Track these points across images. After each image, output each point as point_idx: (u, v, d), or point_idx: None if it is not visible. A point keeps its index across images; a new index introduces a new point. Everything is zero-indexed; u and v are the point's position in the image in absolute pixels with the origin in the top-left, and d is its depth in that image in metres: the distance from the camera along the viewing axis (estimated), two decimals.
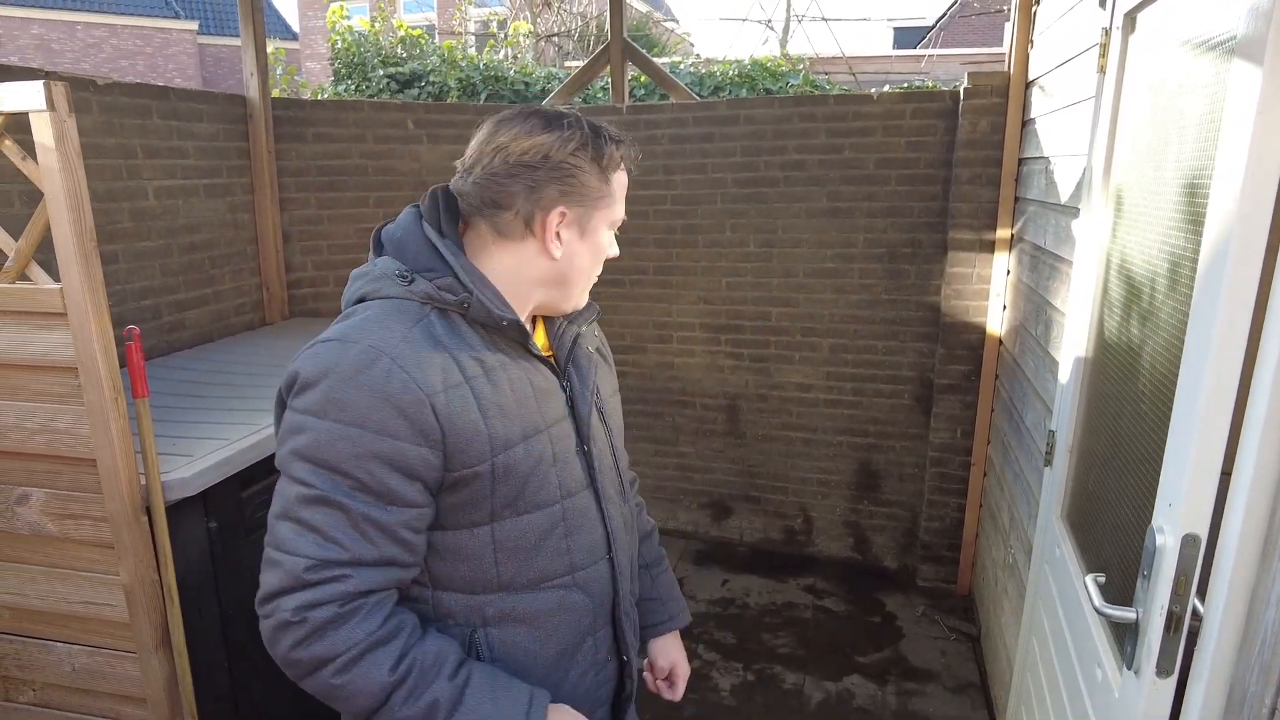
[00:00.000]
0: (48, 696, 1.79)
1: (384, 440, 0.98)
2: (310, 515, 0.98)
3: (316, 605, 0.97)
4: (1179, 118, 1.39)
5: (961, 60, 9.09)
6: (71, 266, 1.44)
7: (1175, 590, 1.13)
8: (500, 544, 1.10)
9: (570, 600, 1.17)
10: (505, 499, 1.09)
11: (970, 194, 3.12)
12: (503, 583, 1.12)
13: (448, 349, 1.04)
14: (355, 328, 1.02)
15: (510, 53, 7.67)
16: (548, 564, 1.14)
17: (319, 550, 0.97)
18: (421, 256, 1.08)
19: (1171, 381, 1.21)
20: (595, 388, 1.23)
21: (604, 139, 1.11)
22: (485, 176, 1.07)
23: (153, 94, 2.78)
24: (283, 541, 0.99)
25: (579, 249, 1.14)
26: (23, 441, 1.58)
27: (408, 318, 1.04)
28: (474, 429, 1.04)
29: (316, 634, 0.97)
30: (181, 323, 2.92)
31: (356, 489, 0.98)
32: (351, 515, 0.98)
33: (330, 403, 0.97)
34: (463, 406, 1.03)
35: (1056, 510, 1.97)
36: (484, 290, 1.07)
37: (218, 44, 22.69)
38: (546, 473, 1.12)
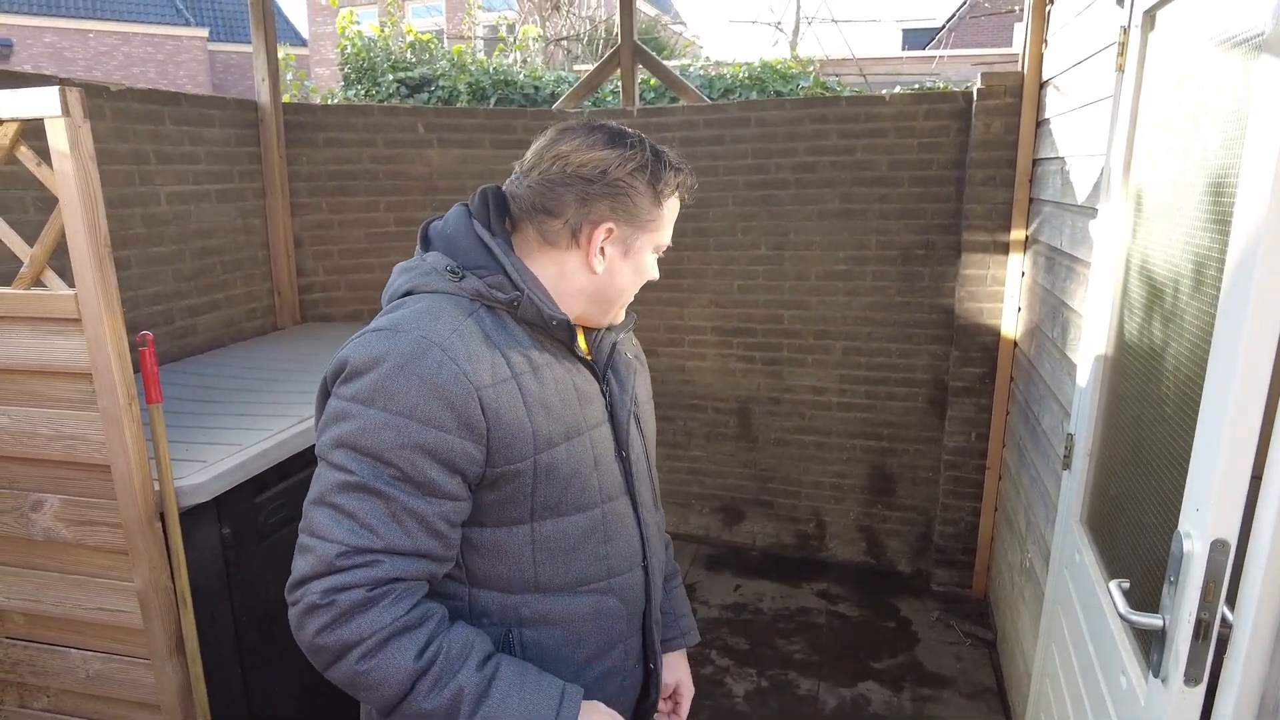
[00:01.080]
0: (62, 703, 1.79)
1: (429, 431, 0.98)
2: (347, 502, 0.97)
3: (345, 589, 0.96)
4: (1203, 115, 1.37)
5: (972, 61, 9.05)
6: (86, 272, 1.44)
7: (1204, 597, 1.11)
8: (539, 544, 1.10)
9: (605, 606, 1.17)
10: (546, 499, 1.09)
11: (984, 195, 3.09)
12: (540, 584, 1.11)
13: (496, 345, 1.05)
14: (406, 318, 1.02)
15: (520, 57, 7.68)
16: (586, 568, 1.14)
17: (353, 537, 0.97)
18: (473, 254, 1.08)
19: (1197, 383, 1.19)
20: (634, 395, 1.24)
21: (664, 164, 1.12)
22: (541, 182, 1.09)
23: (165, 100, 2.79)
24: (317, 527, 0.98)
25: (620, 267, 1.14)
26: (38, 447, 1.58)
27: (459, 312, 1.05)
28: (519, 425, 1.04)
29: (343, 618, 0.96)
30: (194, 328, 2.92)
31: (398, 478, 0.98)
32: (391, 504, 0.98)
33: (379, 391, 0.97)
34: (510, 402, 1.03)
35: (1076, 514, 1.95)
36: (535, 289, 1.08)
37: (228, 51, 22.83)
38: (588, 475, 1.13)
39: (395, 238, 3.55)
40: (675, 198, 1.16)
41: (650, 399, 1.33)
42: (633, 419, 1.23)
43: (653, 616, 1.26)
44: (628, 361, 1.25)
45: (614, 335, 1.23)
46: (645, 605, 1.24)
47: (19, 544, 1.68)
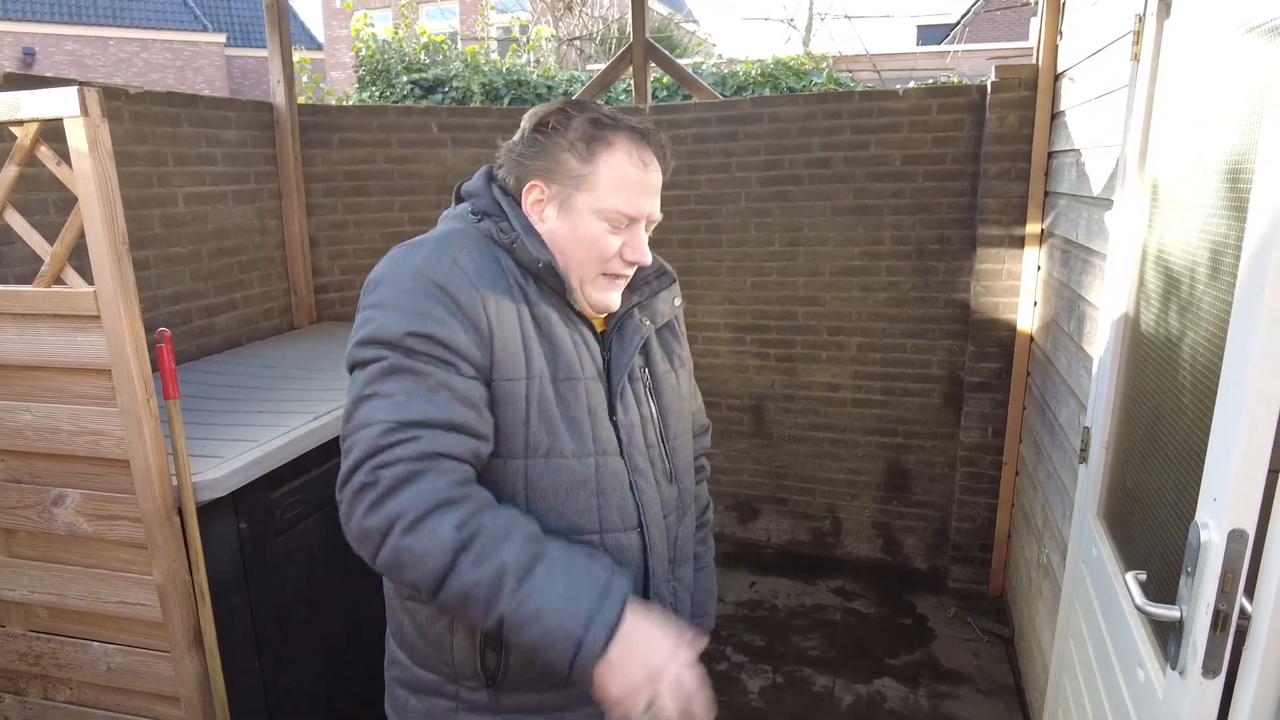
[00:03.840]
0: (84, 695, 1.81)
1: (441, 325, 1.04)
2: (382, 385, 1.02)
3: (390, 464, 0.97)
4: (1219, 102, 1.35)
5: (987, 55, 8.98)
6: (105, 269, 1.46)
7: (1222, 587, 1.09)
8: (531, 482, 1.11)
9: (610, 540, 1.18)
10: (539, 437, 1.11)
11: (999, 189, 3.07)
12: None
13: (506, 274, 1.12)
14: (427, 239, 1.12)
15: (533, 57, 7.71)
16: (578, 517, 1.14)
17: (393, 413, 0.99)
18: (489, 205, 1.17)
19: (1214, 373, 1.17)
20: (640, 361, 1.24)
21: (601, 124, 1.12)
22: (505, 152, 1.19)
23: (182, 102, 2.82)
24: (357, 420, 1.01)
25: (559, 228, 1.15)
26: (60, 443, 1.61)
27: (475, 239, 1.13)
28: (516, 342, 1.09)
29: (389, 492, 0.97)
30: (211, 327, 2.95)
31: (427, 360, 1.03)
32: (423, 379, 1.02)
33: (398, 291, 1.05)
34: (510, 319, 1.09)
35: (1093, 508, 1.93)
36: (530, 236, 1.14)
37: (245, 55, 23.06)
38: (583, 421, 1.14)
39: (410, 237, 3.57)
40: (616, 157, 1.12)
41: (683, 367, 1.33)
42: (645, 388, 1.24)
43: (654, 587, 1.24)
44: (639, 326, 1.24)
45: (637, 296, 1.25)
46: (644, 572, 1.22)
47: (42, 539, 1.71)
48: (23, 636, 1.81)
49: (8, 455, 1.67)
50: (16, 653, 1.82)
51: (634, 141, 1.13)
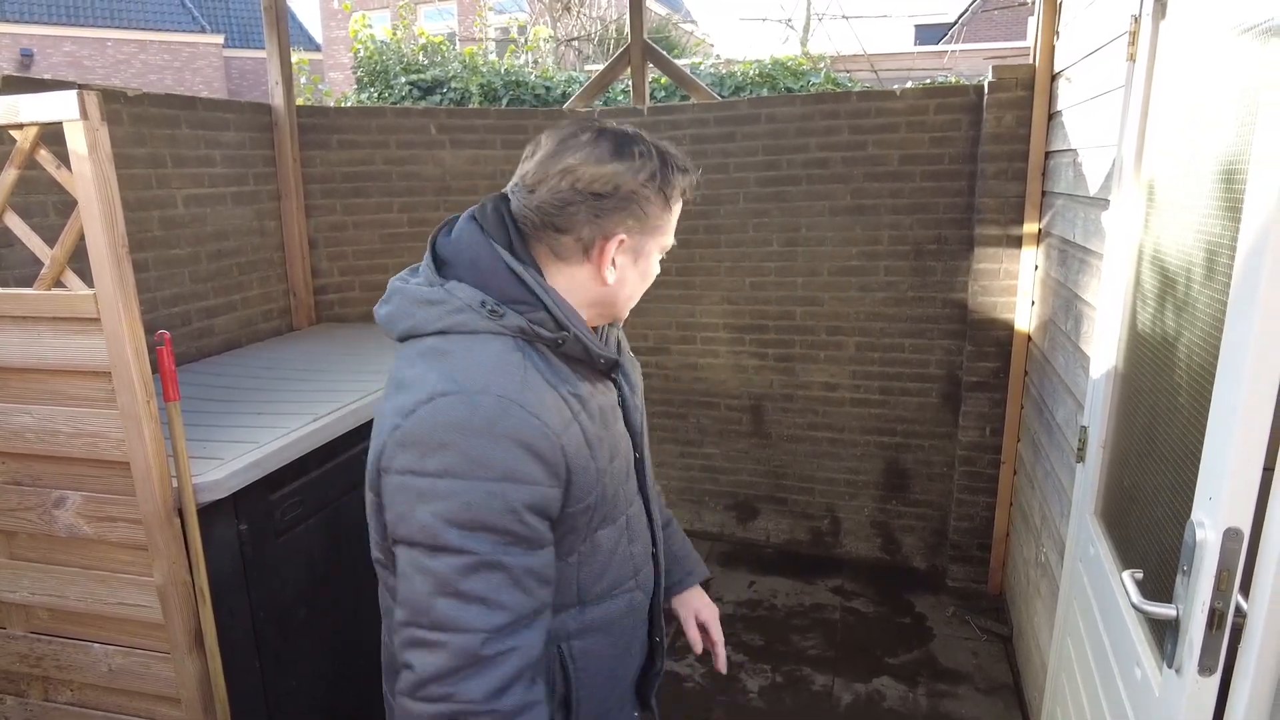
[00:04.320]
0: (85, 696, 1.82)
1: (528, 489, 0.98)
2: (472, 585, 0.96)
3: (502, 692, 0.97)
4: (1214, 104, 1.36)
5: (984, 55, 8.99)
6: (104, 272, 1.46)
7: (1217, 586, 1.10)
8: (582, 564, 1.14)
9: (635, 601, 1.24)
10: (599, 519, 1.13)
11: (996, 189, 3.08)
12: (582, 598, 1.16)
13: (554, 386, 1.05)
14: (466, 373, 0.99)
15: (531, 58, 7.71)
16: (617, 573, 1.20)
17: (488, 619, 0.96)
18: (509, 288, 1.04)
19: (1210, 372, 1.18)
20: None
21: (671, 168, 1.10)
22: (551, 200, 1.04)
23: (181, 104, 2.82)
24: (445, 620, 0.96)
25: (630, 275, 1.13)
26: (60, 445, 1.61)
27: (511, 355, 1.03)
28: (585, 462, 1.06)
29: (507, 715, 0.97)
30: (210, 329, 2.96)
31: (512, 543, 0.98)
32: (512, 572, 0.98)
33: (473, 461, 0.95)
34: (577, 444, 1.05)
35: (1090, 507, 1.94)
36: (579, 327, 1.08)
37: (243, 56, 23.05)
38: (620, 488, 1.16)
39: (409, 238, 3.57)
40: (681, 197, 1.15)
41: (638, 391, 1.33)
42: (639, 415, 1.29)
43: (654, 609, 1.32)
44: (631, 359, 1.29)
45: (615, 330, 1.26)
46: (656, 588, 1.32)
47: (43, 540, 1.71)
48: (24, 638, 1.81)
49: (8, 458, 1.68)
50: (17, 654, 1.83)
51: (689, 179, 1.14)
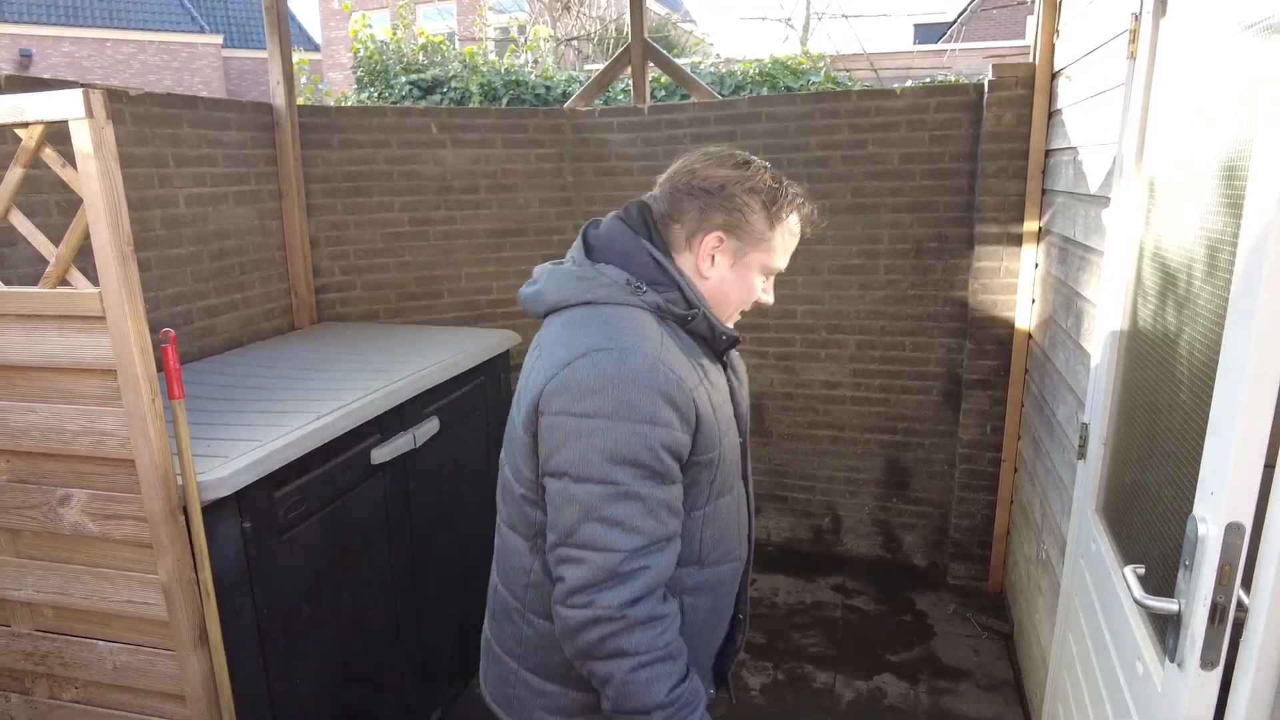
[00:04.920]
0: (90, 694, 1.82)
1: (665, 430, 1.15)
2: (615, 511, 1.13)
3: (635, 602, 1.13)
4: (1215, 101, 1.36)
5: (984, 54, 9.00)
6: (110, 270, 1.47)
7: (1219, 580, 1.11)
8: (708, 525, 1.28)
9: (737, 571, 1.39)
10: (719, 485, 1.27)
11: (996, 187, 3.08)
12: (701, 558, 1.29)
13: (685, 353, 1.23)
14: (621, 335, 1.17)
15: (531, 57, 7.71)
16: (732, 541, 1.34)
17: (627, 541, 1.13)
18: (649, 271, 1.24)
19: (1211, 368, 1.19)
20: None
21: (783, 192, 1.27)
22: (671, 191, 1.27)
23: (183, 104, 2.83)
24: (590, 540, 1.13)
25: (728, 276, 1.28)
26: (65, 443, 1.62)
27: (653, 324, 1.22)
28: (710, 420, 1.22)
29: (628, 630, 1.13)
30: (212, 328, 2.96)
31: (649, 477, 1.14)
32: (648, 502, 1.15)
33: (621, 404, 1.12)
34: (703, 401, 1.21)
35: (1091, 504, 1.94)
36: (706, 307, 1.26)
37: (242, 57, 23.04)
38: (735, 461, 1.32)
39: (410, 237, 3.58)
40: (792, 226, 1.29)
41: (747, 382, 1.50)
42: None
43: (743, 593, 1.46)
44: (737, 356, 1.43)
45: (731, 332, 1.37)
46: (746, 566, 1.45)
47: (48, 538, 1.72)
48: (28, 636, 1.81)
49: (13, 456, 1.68)
50: (22, 652, 1.83)
51: (802, 212, 1.30)
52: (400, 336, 3.06)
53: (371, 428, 2.25)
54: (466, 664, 2.80)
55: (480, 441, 2.88)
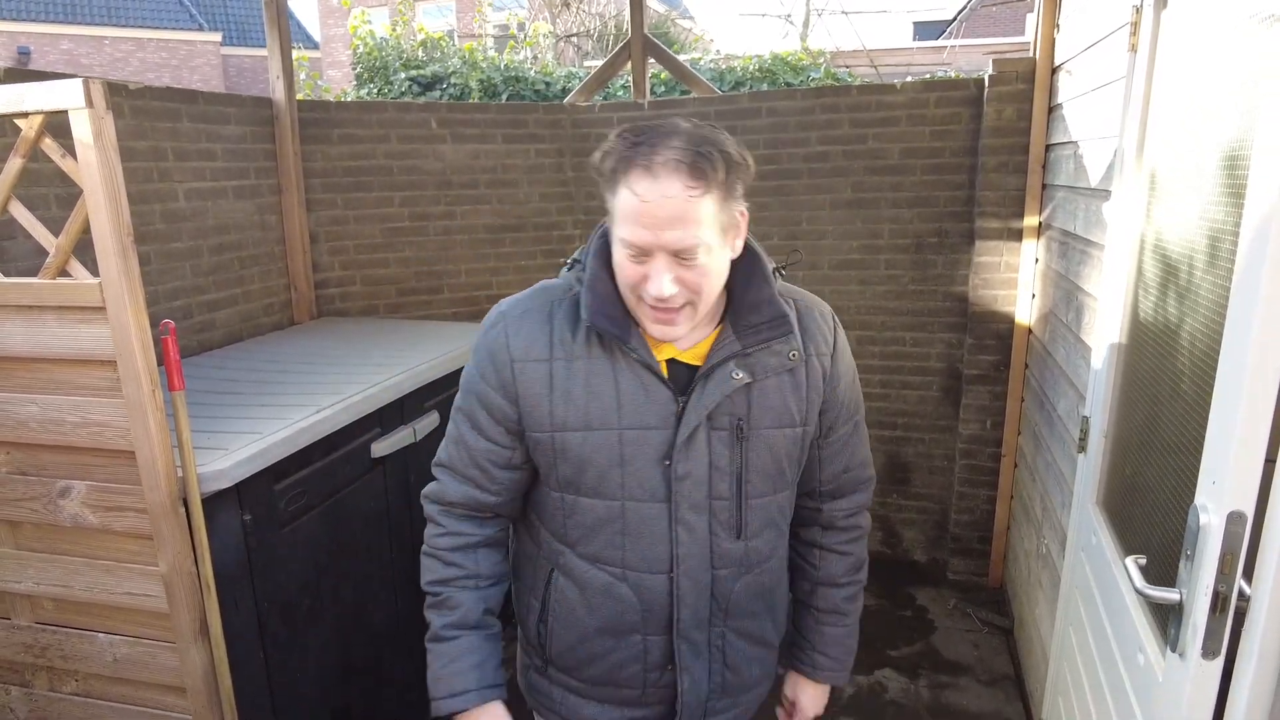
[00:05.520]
0: (90, 687, 1.82)
1: (480, 384, 1.22)
2: (450, 423, 1.30)
3: (426, 498, 1.32)
4: (1216, 92, 1.36)
5: (983, 50, 9.00)
6: (110, 260, 1.46)
7: (1221, 569, 1.11)
8: (568, 512, 1.25)
9: (618, 591, 1.26)
10: (566, 476, 1.22)
11: (997, 182, 3.08)
12: (569, 542, 1.27)
13: (554, 329, 1.19)
14: (515, 296, 1.26)
15: (530, 53, 7.71)
16: (602, 549, 1.25)
17: (441, 453, 1.31)
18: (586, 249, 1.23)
19: (1212, 359, 1.19)
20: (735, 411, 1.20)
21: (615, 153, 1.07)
22: None
23: (182, 98, 2.82)
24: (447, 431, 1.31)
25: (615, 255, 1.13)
26: (65, 435, 1.61)
27: (545, 295, 1.23)
28: (538, 400, 1.19)
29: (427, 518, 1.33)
30: (212, 323, 2.96)
31: (465, 413, 1.26)
32: (457, 429, 1.27)
33: (473, 349, 1.26)
34: (535, 378, 1.19)
35: (1092, 497, 1.94)
36: (589, 289, 1.17)
37: (240, 54, 23.02)
38: (608, 469, 1.20)
39: (409, 233, 3.58)
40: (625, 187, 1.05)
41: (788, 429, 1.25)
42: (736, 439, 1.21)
43: (681, 631, 1.27)
44: (729, 378, 1.18)
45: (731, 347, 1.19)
46: (670, 615, 1.27)
47: (48, 530, 1.71)
48: (28, 628, 1.81)
49: (13, 448, 1.68)
50: (22, 645, 1.83)
51: (634, 170, 1.05)
52: (400, 331, 3.06)
53: (372, 421, 2.25)
54: None
55: None
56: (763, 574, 1.33)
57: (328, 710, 2.14)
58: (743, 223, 1.15)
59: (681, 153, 1.04)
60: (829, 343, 1.28)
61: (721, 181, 1.06)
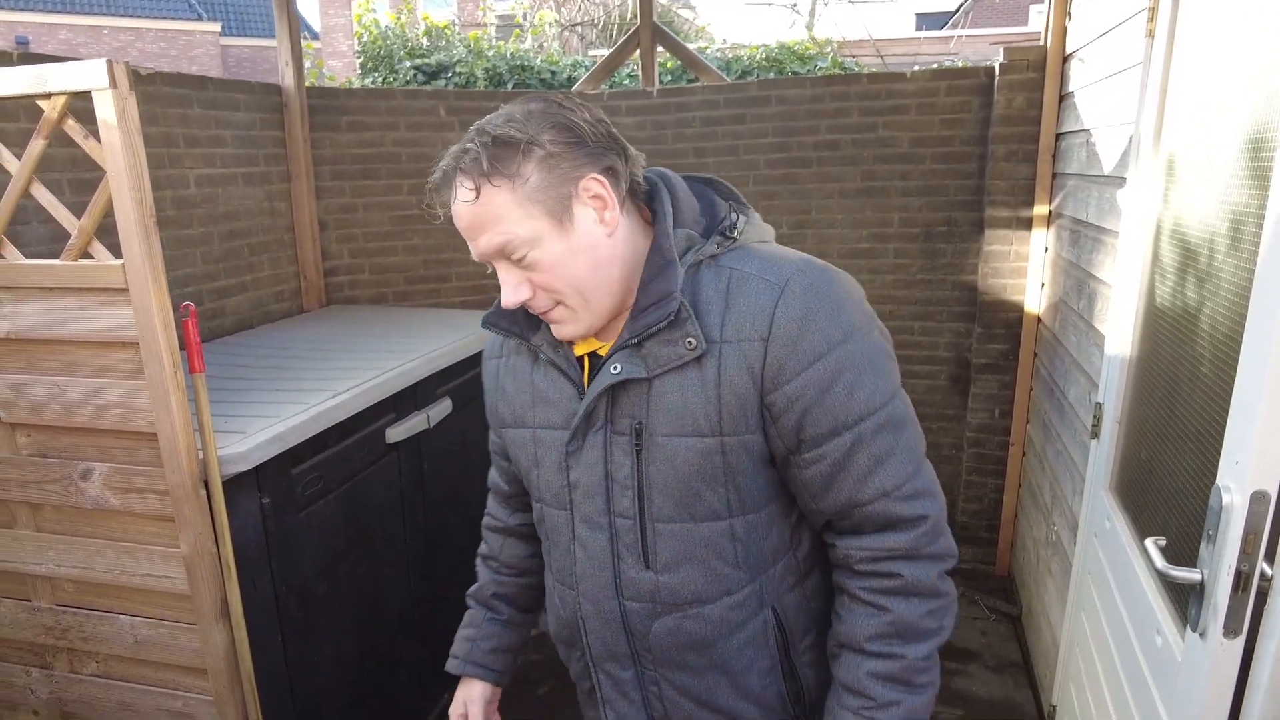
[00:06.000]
0: (111, 668, 1.83)
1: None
2: None
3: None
4: (1238, 74, 1.36)
5: (990, 40, 8.97)
6: (133, 242, 1.47)
7: (1243, 549, 1.12)
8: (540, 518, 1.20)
9: (553, 599, 1.22)
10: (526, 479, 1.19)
11: (1007, 171, 3.08)
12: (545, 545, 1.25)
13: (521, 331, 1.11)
14: None
15: (535, 42, 7.69)
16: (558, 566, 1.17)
17: None
18: None
19: (1234, 339, 1.19)
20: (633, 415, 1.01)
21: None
22: None
23: (192, 84, 2.82)
24: None
25: None
26: (87, 417, 1.62)
27: None
28: (490, 396, 1.23)
29: None
30: (222, 309, 2.96)
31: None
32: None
33: None
34: (490, 374, 1.23)
35: (1105, 482, 1.95)
36: None
37: (240, 45, 22.93)
38: (529, 469, 1.16)
39: (418, 220, 3.57)
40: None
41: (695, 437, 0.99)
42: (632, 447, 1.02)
43: (595, 657, 1.14)
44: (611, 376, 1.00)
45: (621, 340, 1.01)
46: (581, 634, 1.14)
47: (69, 513, 1.72)
48: (49, 610, 1.82)
49: (34, 430, 1.69)
50: (43, 626, 1.84)
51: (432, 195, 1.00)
52: (411, 319, 3.06)
53: (386, 407, 2.26)
54: None
55: None
56: (693, 621, 1.06)
57: (344, 693, 2.15)
58: (603, 191, 0.95)
59: (449, 160, 0.96)
60: (766, 322, 0.94)
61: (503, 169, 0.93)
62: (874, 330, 1.01)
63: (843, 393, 0.95)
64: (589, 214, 0.97)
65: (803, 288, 0.95)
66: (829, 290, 0.97)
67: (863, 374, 0.96)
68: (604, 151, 0.97)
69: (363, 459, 2.18)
